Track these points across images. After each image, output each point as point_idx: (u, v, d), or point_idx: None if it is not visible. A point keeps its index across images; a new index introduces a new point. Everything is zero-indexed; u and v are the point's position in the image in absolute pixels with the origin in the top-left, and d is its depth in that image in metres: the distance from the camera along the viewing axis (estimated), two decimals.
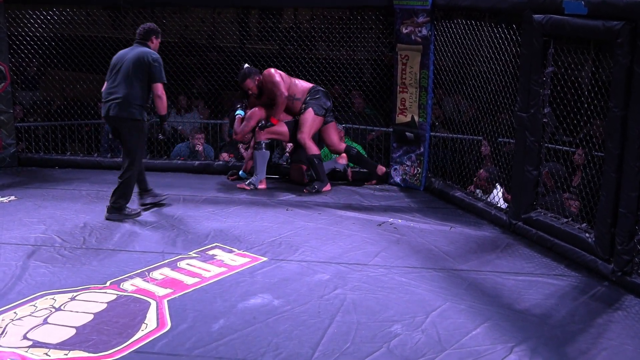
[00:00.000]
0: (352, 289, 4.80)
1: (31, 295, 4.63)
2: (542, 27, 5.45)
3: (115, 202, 6.16)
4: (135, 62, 6.02)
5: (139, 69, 6.02)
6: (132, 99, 6.02)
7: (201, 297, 4.65)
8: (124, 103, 6.02)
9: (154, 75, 6.04)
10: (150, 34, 6.21)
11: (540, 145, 5.64)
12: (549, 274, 5.13)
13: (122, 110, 6.03)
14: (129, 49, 6.19)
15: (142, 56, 6.04)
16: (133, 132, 6.11)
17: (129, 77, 6.02)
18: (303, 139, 7.16)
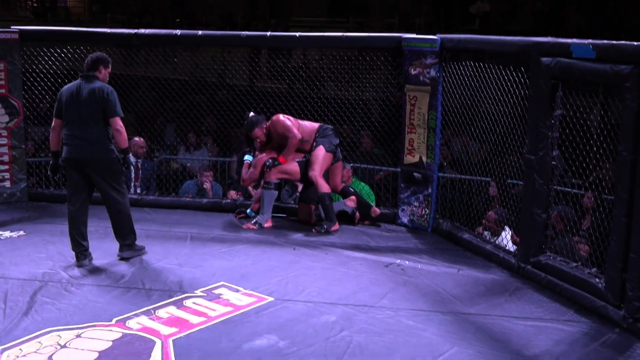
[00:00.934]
0: (358, 331, 4.77)
1: (37, 332, 4.63)
2: (550, 70, 5.47)
3: (125, 240, 6.12)
4: (91, 101, 5.79)
5: (95, 106, 5.78)
6: (102, 138, 5.84)
7: (206, 337, 4.63)
8: (95, 145, 5.82)
9: (109, 109, 5.79)
10: (98, 63, 5.94)
11: (549, 188, 5.63)
12: (558, 319, 5.08)
13: (94, 152, 5.83)
14: (77, 85, 5.90)
15: (95, 93, 5.79)
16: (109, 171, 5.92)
17: (90, 117, 5.80)
18: (314, 177, 7.17)
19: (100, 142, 5.84)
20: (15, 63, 7.91)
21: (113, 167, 5.93)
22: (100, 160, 5.86)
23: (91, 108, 5.80)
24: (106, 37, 8.22)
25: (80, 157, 5.86)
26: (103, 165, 5.88)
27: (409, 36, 7.30)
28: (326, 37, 7.92)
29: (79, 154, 5.85)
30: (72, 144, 5.86)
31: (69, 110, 5.87)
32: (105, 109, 5.80)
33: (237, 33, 8.06)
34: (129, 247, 6.12)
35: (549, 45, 5.54)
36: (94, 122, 5.81)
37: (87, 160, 5.86)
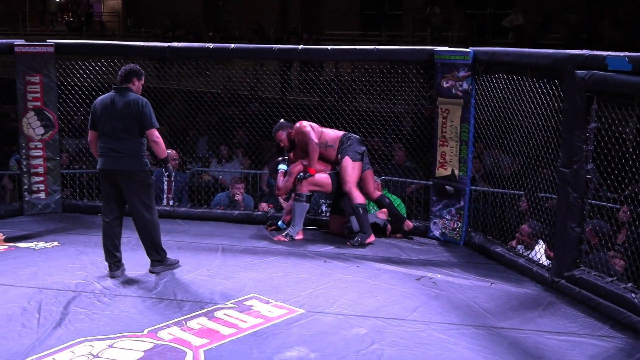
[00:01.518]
0: (389, 344, 4.74)
1: (70, 342, 4.67)
2: (585, 83, 5.42)
3: (155, 255, 6.10)
4: (125, 114, 5.79)
5: (130, 119, 5.79)
6: (136, 151, 5.84)
7: (237, 348, 4.64)
8: (128, 157, 5.83)
9: (145, 121, 5.79)
10: (131, 75, 5.94)
11: (583, 202, 5.57)
12: (593, 334, 5.00)
13: (125, 164, 5.83)
14: (109, 98, 5.90)
15: (130, 106, 5.79)
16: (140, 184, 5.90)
17: (124, 130, 5.81)
18: (349, 189, 7.14)
19: (135, 154, 5.84)
20: (51, 76, 8.03)
21: (145, 180, 5.93)
22: (133, 172, 5.85)
23: (126, 121, 5.80)
24: (140, 50, 8.31)
25: (113, 169, 5.87)
26: (136, 178, 5.87)
27: (442, 49, 7.29)
28: (358, 50, 7.93)
29: (112, 165, 5.86)
30: (107, 156, 5.88)
31: (103, 123, 5.88)
32: (141, 121, 5.80)
33: (269, 46, 8.10)
34: (159, 262, 6.10)
35: (583, 57, 5.49)
36: (129, 135, 5.82)
37: (120, 172, 5.86)
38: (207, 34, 21.41)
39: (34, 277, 5.92)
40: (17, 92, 7.95)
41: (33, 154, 8.06)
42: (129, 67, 6.00)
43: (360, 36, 19.33)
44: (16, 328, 4.87)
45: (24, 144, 8.03)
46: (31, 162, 8.07)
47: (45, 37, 11.98)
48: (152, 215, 6.00)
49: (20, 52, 7.92)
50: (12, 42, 8.06)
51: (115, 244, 6.02)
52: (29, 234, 7.29)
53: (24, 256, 6.53)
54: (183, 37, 18.65)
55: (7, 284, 5.76)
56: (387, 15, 19.96)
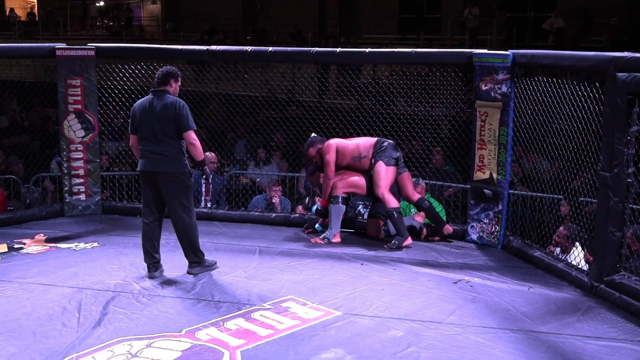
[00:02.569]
0: (426, 347, 4.72)
1: (109, 341, 4.73)
2: (627, 86, 5.35)
3: (193, 257, 6.12)
4: (163, 117, 5.83)
5: (168, 121, 5.83)
6: (175, 154, 5.88)
7: (274, 350, 4.66)
8: (168, 159, 5.86)
9: (183, 124, 5.83)
10: (168, 77, 5.96)
11: (624, 206, 5.49)
12: (633, 339, 4.93)
13: (164, 166, 5.87)
14: (148, 101, 5.94)
15: (167, 108, 5.83)
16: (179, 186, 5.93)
17: (163, 133, 5.85)
18: (381, 193, 7.15)
19: (175, 157, 5.87)
20: (91, 79, 8.14)
21: (185, 182, 5.94)
22: (172, 174, 5.88)
23: (165, 125, 5.83)
24: (179, 53, 8.39)
25: (153, 170, 5.91)
26: (175, 180, 5.90)
27: (480, 52, 7.24)
28: (395, 53, 7.90)
29: (152, 167, 5.90)
30: (147, 158, 5.92)
31: (143, 127, 5.92)
32: (179, 123, 5.83)
33: (306, 49, 8.13)
34: (197, 264, 6.13)
35: (625, 60, 5.42)
36: (169, 138, 5.85)
37: (159, 174, 5.89)
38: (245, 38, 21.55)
39: (74, 277, 6.02)
40: (59, 95, 8.09)
41: (74, 156, 8.19)
42: (165, 69, 6.02)
43: (398, 39, 19.29)
44: (57, 327, 4.95)
45: (64, 147, 8.16)
46: (72, 164, 8.19)
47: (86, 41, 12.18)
48: (190, 218, 6.03)
49: (62, 55, 8.05)
50: (53, 45, 8.20)
51: (154, 245, 6.08)
52: (70, 235, 7.41)
53: (65, 257, 6.64)
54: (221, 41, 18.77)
55: (48, 283, 5.86)
56: (426, 19, 19.89)
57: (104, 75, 8.41)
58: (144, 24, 28.00)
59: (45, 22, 27.17)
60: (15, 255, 6.67)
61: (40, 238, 7.27)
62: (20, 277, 6.00)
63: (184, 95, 6.40)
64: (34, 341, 4.72)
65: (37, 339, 4.75)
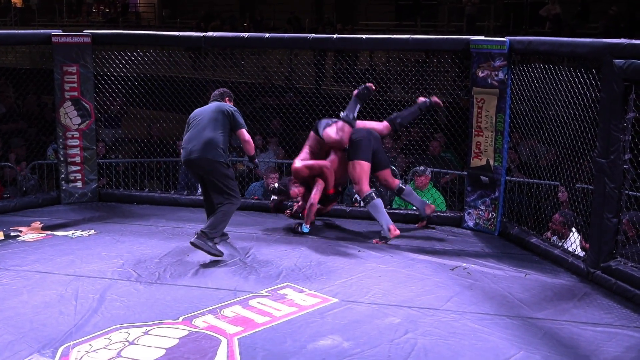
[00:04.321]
0: (423, 333, 4.74)
1: (106, 328, 4.74)
2: (623, 72, 5.35)
3: (211, 231, 6.14)
4: (216, 112, 6.32)
5: (219, 117, 6.30)
6: (215, 143, 6.20)
7: (271, 337, 4.67)
8: (206, 146, 6.19)
9: (237, 122, 6.35)
10: (224, 95, 6.63)
11: (620, 193, 5.50)
12: (629, 325, 4.95)
13: (206, 152, 6.19)
14: (206, 106, 6.54)
15: (222, 107, 6.37)
16: (217, 172, 6.23)
17: (211, 124, 6.27)
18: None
19: (216, 146, 6.21)
20: (88, 66, 8.12)
21: (222, 170, 6.26)
22: (211, 161, 6.20)
23: (215, 116, 6.30)
24: (175, 40, 8.35)
25: (195, 157, 6.21)
26: (214, 166, 6.21)
27: (477, 38, 7.23)
28: (393, 40, 7.88)
29: (193, 153, 6.22)
30: (189, 147, 6.27)
31: (194, 122, 6.39)
32: (232, 120, 6.33)
33: (303, 35, 8.10)
34: (207, 237, 6.08)
35: (622, 46, 5.42)
36: (214, 127, 6.26)
37: (200, 160, 6.21)
38: (242, 24, 21.47)
39: (71, 265, 6.02)
40: (55, 82, 8.07)
41: (70, 143, 8.17)
42: (222, 90, 6.72)
43: (395, 26, 19.22)
44: (54, 315, 4.96)
45: (61, 134, 8.14)
46: (68, 152, 8.18)
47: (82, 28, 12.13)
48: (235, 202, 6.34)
49: (58, 42, 8.02)
50: (49, 32, 8.16)
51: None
52: (66, 223, 7.41)
53: (61, 244, 6.63)
54: (218, 28, 18.70)
55: (44, 271, 5.86)
56: (423, 5, 19.82)
57: (100, 62, 8.38)
58: (140, 10, 27.82)
59: (41, 9, 27.03)
60: (11, 243, 6.67)
61: (37, 226, 7.26)
62: (17, 265, 6.00)
63: (180, 82, 6.42)
64: (31, 329, 4.73)
65: (34, 327, 4.75)
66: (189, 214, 7.76)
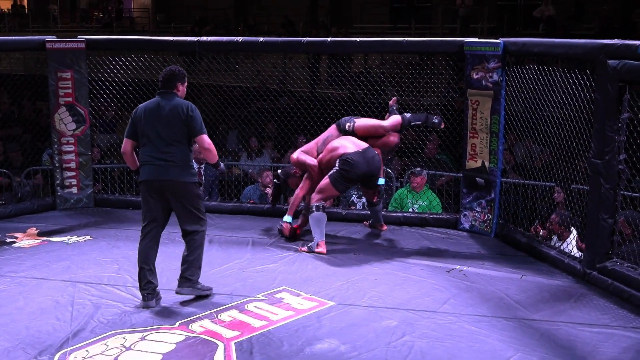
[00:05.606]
0: (420, 336, 4.73)
1: (103, 334, 4.73)
2: (618, 73, 5.36)
3: (190, 274, 5.40)
4: (173, 118, 5.22)
5: (178, 124, 5.23)
6: (184, 162, 5.28)
7: (268, 341, 4.66)
8: (178, 165, 5.25)
9: (194, 128, 5.24)
10: (174, 80, 5.33)
11: (615, 193, 5.51)
12: (625, 326, 4.96)
13: (177, 174, 5.25)
14: (156, 104, 5.30)
15: (177, 110, 5.23)
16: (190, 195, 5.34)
17: (172, 134, 5.23)
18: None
19: (185, 164, 5.28)
20: (82, 72, 8.11)
21: (195, 190, 5.38)
22: (185, 183, 5.29)
23: (175, 128, 5.23)
24: (169, 45, 8.36)
25: (164, 179, 5.26)
26: (187, 189, 5.32)
27: (471, 40, 7.24)
28: (387, 42, 7.89)
29: (162, 175, 5.25)
30: (155, 165, 5.27)
31: (148, 130, 5.27)
32: (190, 127, 5.25)
33: (297, 39, 8.09)
34: (190, 283, 5.39)
35: (616, 47, 5.43)
36: (179, 143, 5.26)
37: (171, 182, 5.27)
38: (236, 28, 21.47)
39: (67, 271, 6.01)
40: (49, 88, 8.06)
41: (65, 149, 8.16)
42: (169, 70, 5.38)
43: (389, 29, 19.24)
44: (50, 321, 4.94)
45: (56, 139, 8.13)
46: (63, 157, 8.17)
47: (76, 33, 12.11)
48: (203, 227, 5.46)
49: (52, 48, 8.01)
50: (43, 38, 8.15)
51: (152, 269, 5.37)
52: (62, 228, 7.39)
53: (57, 250, 6.62)
54: (212, 32, 18.69)
55: (40, 277, 5.85)
56: (417, 7, 19.85)
57: (94, 67, 8.37)
58: (135, 15, 27.82)
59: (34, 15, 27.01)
60: (7, 249, 6.65)
61: (32, 232, 7.24)
62: (13, 272, 5.98)
63: None
64: (27, 335, 4.71)
65: (30, 333, 4.74)
66: None
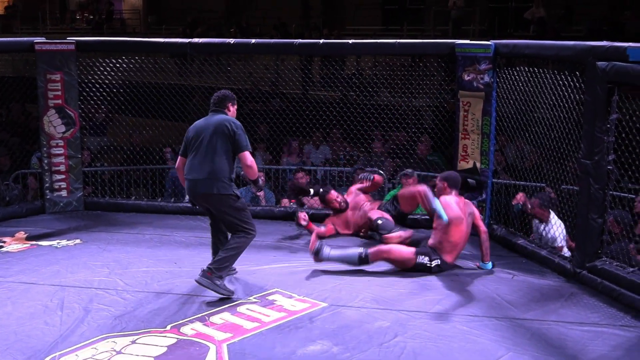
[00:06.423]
0: (412, 336, 4.74)
1: (93, 338, 4.71)
2: (606, 75, 5.38)
3: (218, 269, 5.47)
4: (217, 133, 5.46)
5: (221, 139, 5.46)
6: (220, 174, 5.44)
7: (260, 343, 4.65)
8: (211, 179, 5.43)
9: (239, 144, 5.46)
10: (225, 101, 5.67)
11: (604, 193, 5.53)
12: (615, 324, 4.98)
13: (211, 186, 5.44)
14: (205, 120, 5.64)
15: (223, 125, 5.47)
16: (226, 207, 5.51)
17: (213, 149, 5.45)
18: None
19: (221, 177, 5.45)
20: (72, 74, 8.07)
21: (234, 204, 5.52)
22: (218, 195, 5.47)
23: (217, 142, 5.45)
24: (160, 46, 8.32)
25: (199, 192, 5.51)
26: (223, 201, 5.49)
27: (463, 42, 7.26)
28: (379, 44, 7.90)
29: (198, 189, 5.50)
30: (192, 180, 5.52)
31: (194, 143, 5.55)
32: (235, 142, 5.46)
33: (290, 41, 8.10)
34: (214, 275, 5.42)
35: (604, 49, 5.45)
36: (218, 157, 5.44)
37: (207, 195, 5.50)
38: (228, 31, 21.45)
39: (57, 275, 5.98)
40: (38, 90, 8.02)
41: (54, 152, 8.12)
42: (221, 93, 5.72)
43: (381, 31, 19.26)
44: (39, 326, 4.92)
45: (45, 142, 8.08)
46: (52, 160, 8.12)
47: (66, 35, 12.05)
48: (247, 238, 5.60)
49: (41, 49, 7.97)
50: (32, 40, 8.10)
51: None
52: (51, 232, 7.36)
53: (46, 254, 6.59)
54: (204, 34, 18.66)
55: (29, 282, 5.82)
56: (409, 9, 19.89)
57: (84, 69, 8.33)
58: (125, 17, 27.74)
59: (24, 17, 26.90)
60: None
61: (21, 236, 7.20)
62: (1, 276, 5.95)
63: (166, 89, 6.35)
64: (16, 340, 4.69)
65: (18, 338, 4.71)
66: (176, 221, 7.73)
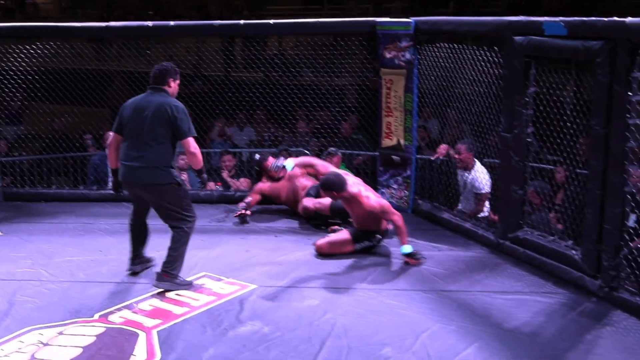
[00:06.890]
0: (342, 313, 4.80)
1: (18, 331, 4.61)
2: (523, 49, 5.50)
3: (171, 268, 5.25)
4: (157, 118, 5.06)
5: (161, 123, 5.07)
6: (160, 162, 5.11)
7: (190, 327, 4.64)
8: (151, 167, 5.10)
9: (181, 130, 5.07)
10: (166, 76, 5.19)
11: (524, 165, 5.67)
12: (537, 292, 5.16)
13: (150, 176, 5.11)
14: (144, 98, 5.19)
15: (163, 107, 5.06)
16: (168, 195, 5.18)
17: (152, 134, 5.07)
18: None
19: (162, 166, 5.12)
20: None
21: (175, 192, 5.20)
22: (159, 185, 5.15)
23: (157, 127, 5.07)
24: (76, 31, 8.07)
25: (137, 181, 5.19)
26: (164, 191, 5.18)
27: (383, 20, 7.31)
28: (300, 24, 7.90)
29: (136, 177, 5.17)
30: (129, 166, 5.16)
31: (131, 126, 5.15)
32: (175, 129, 5.08)
33: (210, 22, 8.00)
34: (171, 277, 5.24)
35: (521, 24, 5.57)
36: (158, 144, 5.10)
37: (146, 185, 5.18)
38: (147, 13, 21.04)
39: None
40: None
41: None
42: (161, 67, 5.24)
43: (301, 10, 19.22)
44: None
45: None
46: None
47: None
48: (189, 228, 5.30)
49: None
50: None
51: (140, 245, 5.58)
52: None
53: None
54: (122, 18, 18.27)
55: None
56: None
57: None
58: (39, 2, 26.92)
59: None
60: None
61: None
62: None
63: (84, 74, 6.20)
64: None
65: None
66: (100, 209, 7.58)
